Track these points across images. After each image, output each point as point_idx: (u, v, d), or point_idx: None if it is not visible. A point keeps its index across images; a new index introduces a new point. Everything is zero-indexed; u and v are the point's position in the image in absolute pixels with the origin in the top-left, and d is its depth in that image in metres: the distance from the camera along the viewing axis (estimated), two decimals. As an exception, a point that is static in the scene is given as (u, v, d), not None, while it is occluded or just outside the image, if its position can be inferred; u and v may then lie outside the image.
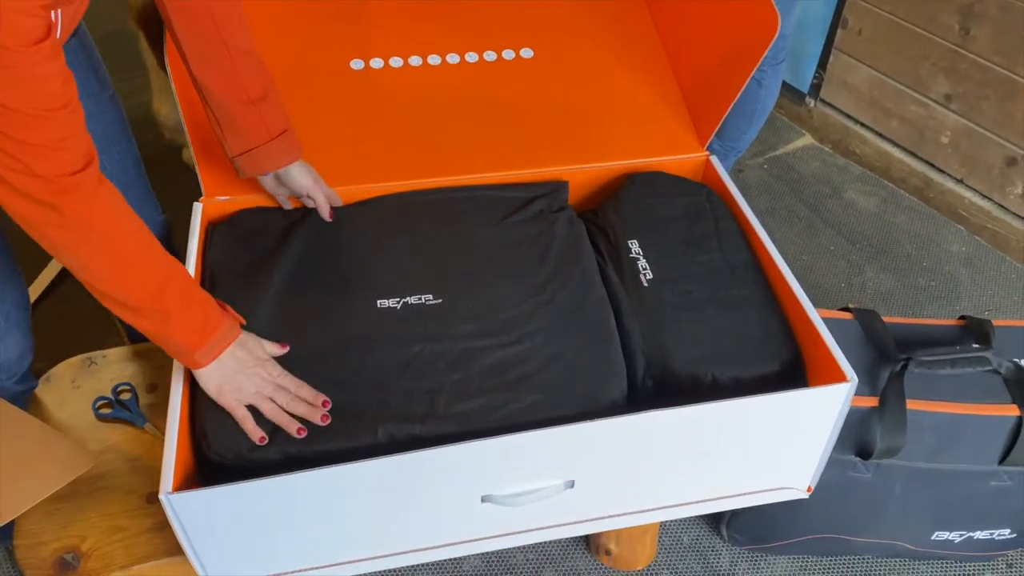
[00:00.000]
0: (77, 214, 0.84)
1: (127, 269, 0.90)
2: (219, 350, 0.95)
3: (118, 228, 0.88)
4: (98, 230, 0.86)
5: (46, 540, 1.04)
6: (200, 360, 0.95)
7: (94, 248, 0.87)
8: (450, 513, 1.00)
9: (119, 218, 0.88)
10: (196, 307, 0.94)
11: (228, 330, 0.96)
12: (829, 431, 1.05)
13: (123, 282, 0.90)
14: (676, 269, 1.16)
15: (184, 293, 0.93)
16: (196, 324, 0.93)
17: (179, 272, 0.94)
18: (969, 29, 2.00)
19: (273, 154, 1.12)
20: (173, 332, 0.93)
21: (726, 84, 1.28)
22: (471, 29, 1.44)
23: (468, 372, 1.02)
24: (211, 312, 0.96)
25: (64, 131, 0.81)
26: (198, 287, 0.97)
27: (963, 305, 1.98)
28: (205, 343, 0.94)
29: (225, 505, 0.90)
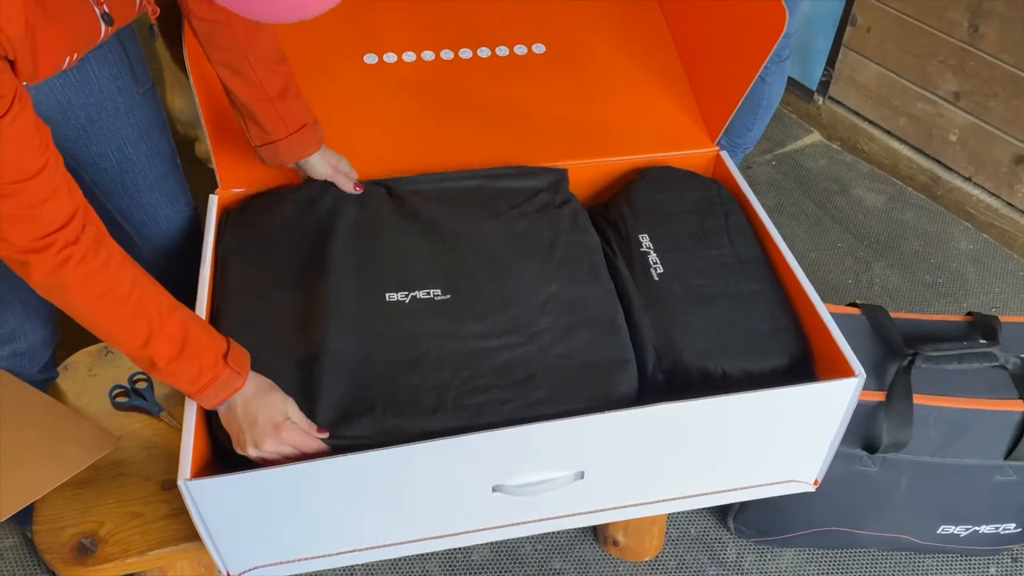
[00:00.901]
0: (50, 274, 0.83)
1: (106, 322, 0.88)
2: (220, 399, 0.94)
3: (95, 283, 0.86)
4: (73, 288, 0.85)
5: (64, 525, 1.06)
6: (204, 404, 0.96)
7: (69, 302, 0.86)
8: (462, 502, 1.02)
9: (103, 272, 0.86)
10: (188, 360, 0.91)
11: (226, 382, 0.93)
12: (837, 425, 1.06)
13: (104, 333, 0.89)
14: (686, 263, 1.17)
15: (176, 348, 0.90)
16: (189, 376, 0.92)
17: (173, 329, 0.91)
18: (978, 27, 2.00)
19: (291, 148, 1.16)
20: (164, 379, 0.92)
21: (735, 80, 1.29)
22: (483, 25, 1.45)
23: (477, 370, 1.03)
24: (207, 366, 0.92)
25: (40, 195, 0.80)
26: (200, 336, 0.93)
27: (970, 302, 1.99)
28: (202, 393, 0.93)
29: (241, 492, 0.92)
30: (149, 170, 1.23)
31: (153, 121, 1.23)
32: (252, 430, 0.94)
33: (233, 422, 0.95)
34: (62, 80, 1.07)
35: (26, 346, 1.18)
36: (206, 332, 0.94)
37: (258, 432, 0.94)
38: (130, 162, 1.20)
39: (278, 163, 1.18)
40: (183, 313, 0.93)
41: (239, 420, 0.95)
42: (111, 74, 1.14)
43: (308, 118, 1.16)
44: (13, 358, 1.18)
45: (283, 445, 0.95)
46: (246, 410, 0.95)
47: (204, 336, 0.94)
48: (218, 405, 0.95)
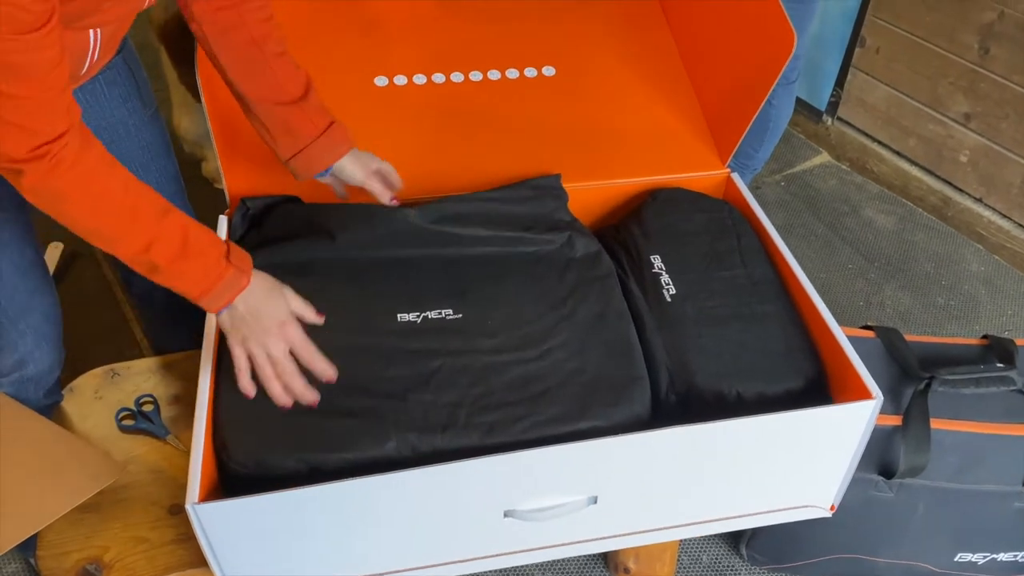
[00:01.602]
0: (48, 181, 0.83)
1: (104, 226, 0.89)
2: (225, 300, 0.94)
3: (95, 191, 0.87)
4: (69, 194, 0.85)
5: (69, 551, 1.04)
6: (209, 307, 0.95)
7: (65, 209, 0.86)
8: (473, 527, 1.00)
9: (97, 181, 0.87)
10: (192, 260, 0.91)
11: (231, 281, 0.93)
12: (854, 449, 1.04)
13: (103, 238, 0.89)
14: (699, 284, 1.16)
15: (177, 247, 0.90)
16: (193, 277, 0.92)
17: (173, 230, 0.91)
18: (988, 48, 2.00)
19: (325, 149, 1.13)
20: (167, 282, 0.92)
21: (744, 102, 1.29)
22: (494, 47, 1.45)
23: (489, 386, 1.02)
24: (211, 264, 0.92)
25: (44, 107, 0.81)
26: (200, 236, 0.93)
27: (982, 324, 1.97)
28: (207, 294, 0.92)
29: (250, 516, 0.90)
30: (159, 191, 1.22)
31: (160, 143, 1.23)
32: (256, 329, 0.94)
33: (236, 324, 0.95)
34: None
35: (34, 371, 1.18)
36: (205, 232, 0.94)
37: (262, 331, 0.94)
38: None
39: (313, 172, 1.15)
40: (179, 214, 0.92)
41: (243, 320, 0.94)
42: (121, 96, 1.14)
43: (332, 117, 1.14)
44: (20, 383, 1.17)
45: (286, 344, 0.95)
46: (249, 309, 0.94)
47: (204, 236, 0.93)
48: (223, 307, 0.94)
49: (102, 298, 1.96)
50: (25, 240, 1.11)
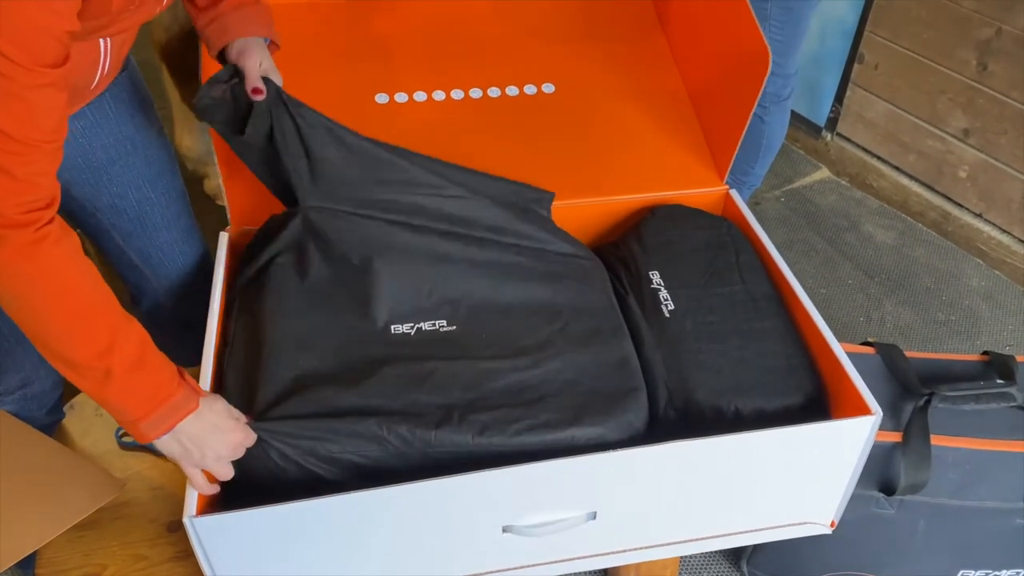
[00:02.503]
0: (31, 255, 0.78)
1: (72, 319, 0.82)
2: (171, 423, 0.87)
3: (72, 278, 0.82)
4: (49, 276, 0.80)
5: (67, 569, 1.05)
6: (147, 433, 0.87)
7: (36, 292, 0.80)
8: (472, 543, 1.00)
9: (75, 268, 0.82)
10: (147, 372, 0.86)
11: (183, 400, 0.87)
12: (853, 465, 1.04)
13: (66, 334, 0.83)
14: (697, 300, 1.16)
15: (136, 357, 0.85)
16: (145, 391, 0.85)
17: (135, 336, 0.86)
18: (986, 64, 2.01)
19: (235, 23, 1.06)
20: (115, 396, 0.85)
21: (733, 119, 1.30)
22: (494, 65, 1.46)
23: (483, 392, 1.02)
24: (165, 381, 0.87)
25: (44, 165, 0.78)
26: (157, 354, 0.88)
27: (983, 340, 1.97)
28: (152, 414, 0.86)
29: (247, 529, 0.90)
30: (166, 207, 1.24)
31: (166, 159, 1.24)
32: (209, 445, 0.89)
33: (188, 449, 0.89)
34: (82, 123, 1.09)
35: (38, 390, 1.18)
36: (158, 351, 0.88)
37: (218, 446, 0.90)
38: (149, 201, 1.21)
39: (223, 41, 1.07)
40: (139, 325, 0.87)
41: (190, 440, 0.89)
42: (128, 113, 1.15)
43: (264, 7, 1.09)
44: (23, 401, 1.18)
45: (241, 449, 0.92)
46: (196, 430, 0.89)
47: (158, 353, 0.88)
48: (164, 432, 0.87)
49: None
50: None
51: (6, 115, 0.73)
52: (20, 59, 0.70)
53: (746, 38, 1.23)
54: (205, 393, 0.93)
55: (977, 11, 1.98)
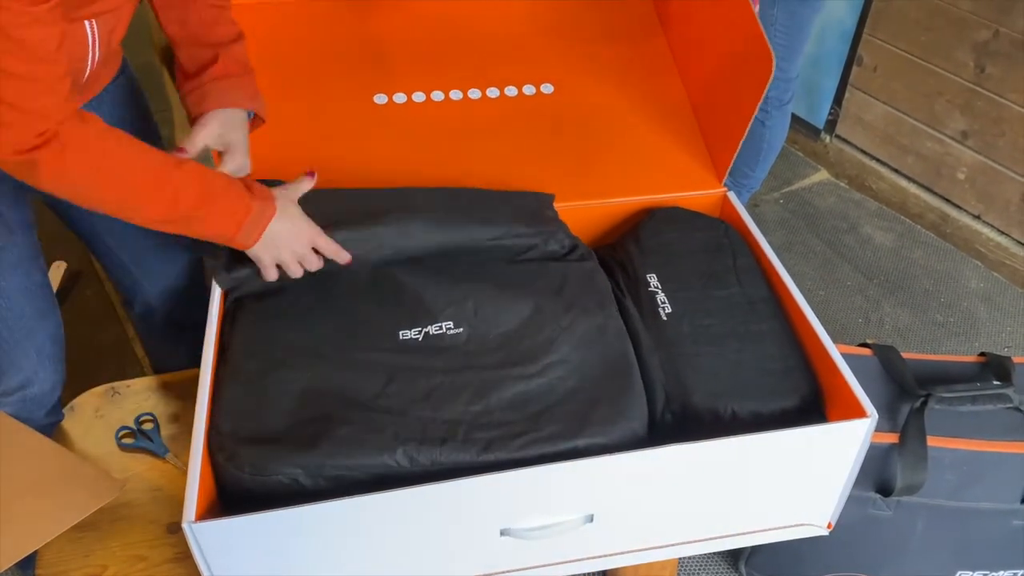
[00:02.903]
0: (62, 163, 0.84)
1: (131, 192, 0.91)
2: (258, 232, 0.98)
3: (109, 159, 0.88)
4: (87, 170, 0.87)
5: (67, 570, 1.05)
6: (243, 243, 0.99)
7: (92, 186, 0.88)
8: (469, 546, 1.00)
9: (107, 149, 0.88)
10: (218, 200, 0.95)
11: (260, 212, 0.98)
12: (849, 467, 1.04)
13: (138, 206, 0.92)
14: (695, 303, 1.16)
15: (203, 194, 0.93)
16: (223, 216, 0.95)
17: (190, 177, 0.93)
18: (984, 67, 2.02)
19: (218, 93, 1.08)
20: (208, 228, 0.96)
21: (734, 122, 1.30)
22: (493, 65, 1.46)
23: (488, 404, 1.02)
24: (236, 199, 0.96)
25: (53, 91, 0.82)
26: (216, 181, 0.96)
27: (981, 342, 1.97)
28: (240, 230, 0.97)
29: (246, 534, 0.91)
30: None
31: None
32: (287, 249, 1.02)
33: (268, 247, 1.01)
34: None
35: (36, 392, 1.18)
36: (218, 174, 0.97)
37: (294, 249, 1.03)
38: None
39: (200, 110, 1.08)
40: (190, 161, 0.95)
41: (274, 243, 1.01)
42: (130, 117, 1.16)
43: (253, 78, 1.12)
44: (22, 403, 1.18)
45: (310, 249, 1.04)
46: (279, 233, 1.00)
47: (219, 176, 0.97)
48: (256, 240, 0.98)
49: (104, 317, 1.97)
50: (33, 263, 1.13)
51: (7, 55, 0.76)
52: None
53: (749, 41, 1.23)
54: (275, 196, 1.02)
55: (975, 13, 1.99)
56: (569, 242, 1.24)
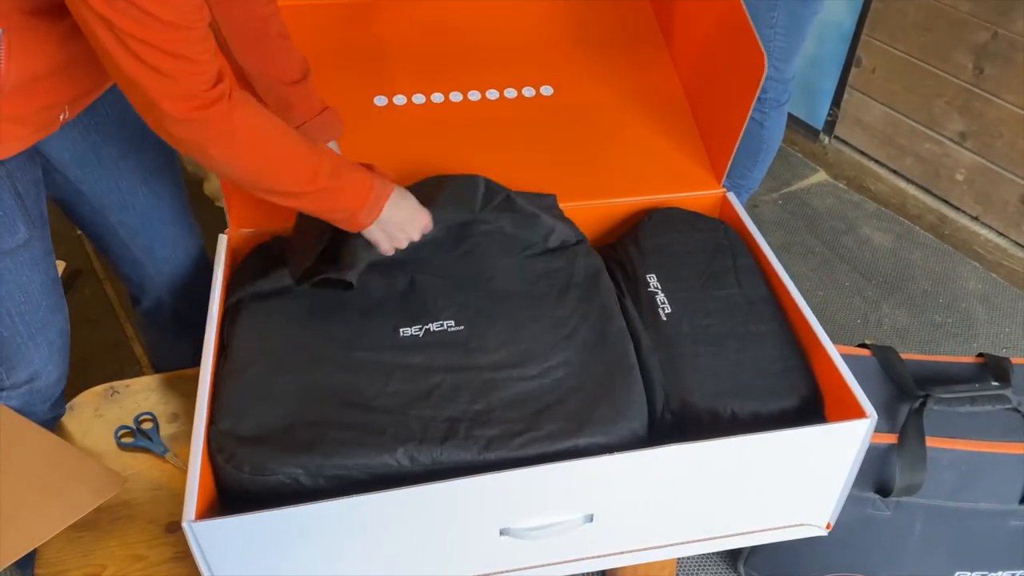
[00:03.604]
0: (224, 124, 0.90)
1: (281, 163, 0.97)
2: (379, 207, 1.05)
3: (263, 129, 0.95)
4: (246, 135, 0.93)
5: (66, 569, 1.05)
6: (364, 220, 1.04)
7: (248, 152, 0.94)
8: (469, 545, 1.00)
9: (262, 119, 0.95)
10: (349, 177, 1.02)
11: (382, 187, 1.05)
12: (849, 467, 1.04)
13: (281, 175, 0.97)
14: (694, 303, 1.17)
15: (335, 169, 1.00)
16: (354, 191, 1.02)
17: (324, 153, 1.01)
18: (983, 68, 2.02)
19: (320, 128, 1.21)
20: (338, 202, 1.02)
21: (730, 123, 1.31)
22: (493, 67, 1.46)
23: (489, 403, 1.02)
24: (363, 176, 1.03)
25: (206, 42, 0.87)
26: (344, 161, 1.04)
27: (980, 342, 1.97)
28: (365, 204, 1.03)
29: (246, 533, 0.91)
30: (172, 200, 1.28)
31: (172, 153, 1.26)
32: (406, 229, 1.10)
33: (386, 230, 1.08)
34: (95, 117, 1.12)
35: (43, 384, 1.19)
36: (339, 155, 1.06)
37: (411, 228, 1.11)
38: (157, 195, 1.25)
39: None
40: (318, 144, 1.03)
41: (392, 231, 1.08)
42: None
43: (329, 104, 1.22)
44: (28, 395, 1.18)
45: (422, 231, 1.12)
46: (396, 222, 1.08)
47: (344, 158, 1.05)
48: (376, 217, 1.05)
49: (103, 315, 1.97)
50: (49, 258, 1.14)
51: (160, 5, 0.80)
52: None
53: (742, 42, 1.24)
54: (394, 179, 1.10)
55: (973, 15, 1.99)
56: (575, 237, 1.25)
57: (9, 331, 1.10)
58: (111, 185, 1.19)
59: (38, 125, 1.02)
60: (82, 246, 2.10)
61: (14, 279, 1.07)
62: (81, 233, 1.36)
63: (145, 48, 0.82)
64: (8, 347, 1.12)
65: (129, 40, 0.81)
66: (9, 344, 1.12)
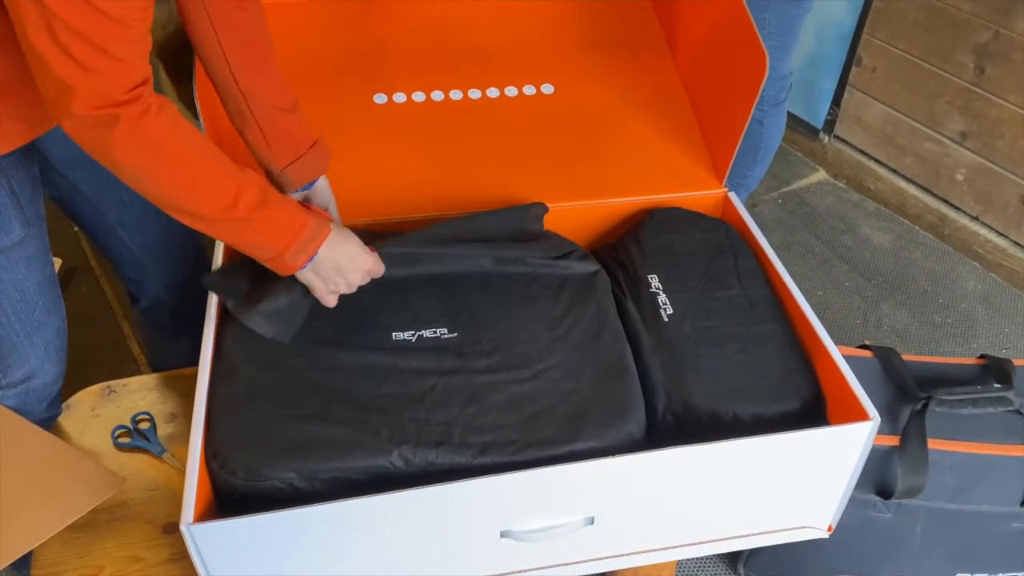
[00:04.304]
0: (132, 128, 0.83)
1: (194, 181, 0.89)
2: (311, 250, 0.96)
3: (179, 139, 0.88)
4: (155, 142, 0.86)
5: (63, 570, 1.04)
6: (292, 263, 0.95)
7: (156, 162, 0.87)
8: (470, 548, 1.00)
9: (179, 129, 0.88)
10: (278, 212, 0.93)
11: (318, 227, 0.96)
12: (851, 470, 1.04)
13: (194, 194, 0.89)
14: (696, 304, 1.16)
15: (261, 201, 0.92)
16: (280, 225, 0.93)
17: (253, 181, 0.92)
18: (984, 68, 2.01)
19: (316, 160, 1.14)
20: (259, 238, 0.93)
21: (732, 122, 1.30)
22: (493, 65, 1.46)
23: (483, 406, 1.02)
24: (294, 213, 0.94)
25: (141, 43, 0.82)
26: (275, 193, 0.95)
27: (979, 343, 1.97)
28: (294, 244, 0.94)
29: (244, 536, 0.90)
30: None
31: None
32: (344, 274, 1.00)
33: (320, 274, 0.99)
34: None
35: (39, 383, 1.18)
36: (274, 190, 0.95)
37: (350, 274, 1.01)
38: None
39: (305, 181, 1.14)
40: (249, 169, 0.93)
41: (328, 274, 0.99)
42: None
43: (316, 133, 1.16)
44: (25, 395, 1.18)
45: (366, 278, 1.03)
46: (333, 264, 0.99)
47: (276, 191, 0.95)
48: (308, 259, 0.96)
49: (100, 314, 1.96)
50: (46, 257, 1.13)
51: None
52: None
53: (743, 42, 1.23)
54: (333, 220, 1.01)
55: (975, 14, 1.99)
56: (565, 247, 1.24)
57: (5, 330, 1.10)
58: (110, 184, 1.18)
59: (32, 121, 1.01)
60: (78, 243, 2.09)
61: (9, 277, 1.07)
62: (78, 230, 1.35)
63: (72, 38, 0.76)
64: (4, 346, 1.11)
65: (57, 25, 0.75)
66: (5, 343, 1.11)
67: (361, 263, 1.02)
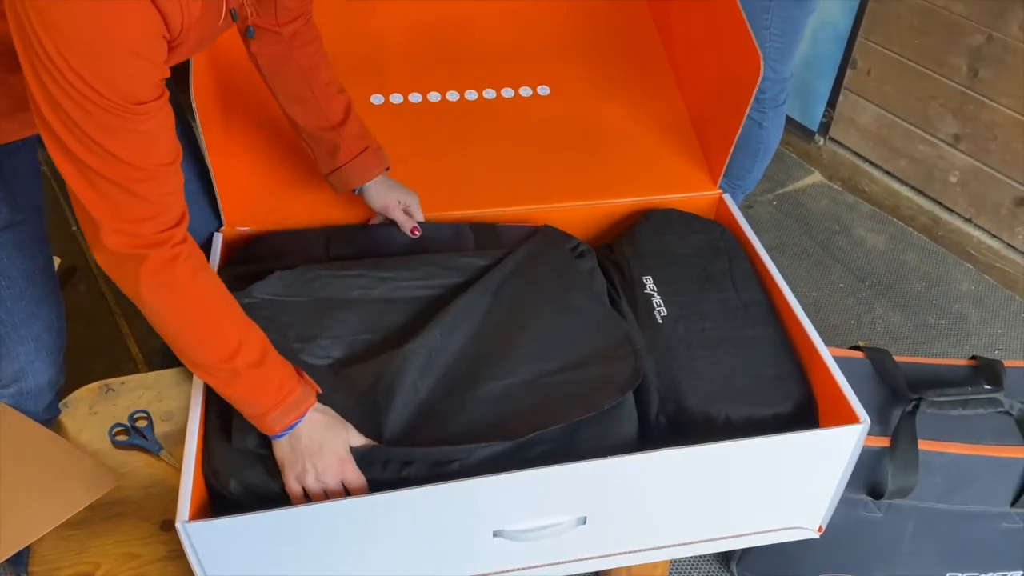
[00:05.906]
0: (161, 271, 0.85)
1: (203, 328, 0.90)
2: (292, 417, 0.93)
3: (197, 285, 0.89)
4: (184, 289, 0.87)
5: (60, 567, 1.04)
6: (273, 425, 0.93)
7: (173, 304, 0.88)
8: (462, 547, 1.00)
9: (199, 276, 0.89)
10: (270, 370, 0.93)
11: (301, 397, 0.94)
12: (841, 472, 1.05)
13: (198, 341, 0.91)
14: (690, 306, 1.17)
15: (260, 359, 0.92)
16: (269, 387, 0.92)
17: (256, 337, 0.93)
18: (977, 71, 2.02)
19: (356, 171, 1.22)
20: (248, 393, 0.92)
21: (727, 124, 1.31)
22: (489, 67, 1.46)
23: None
24: (286, 377, 0.94)
25: (169, 187, 0.84)
26: (275, 353, 0.95)
27: (972, 344, 1.98)
28: (279, 407, 0.92)
29: (239, 534, 0.91)
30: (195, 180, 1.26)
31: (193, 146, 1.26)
32: (315, 460, 0.94)
33: (297, 456, 0.94)
34: None
35: (33, 385, 1.18)
36: (275, 351, 0.95)
37: (322, 464, 0.94)
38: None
39: (346, 188, 1.24)
40: (257, 327, 0.95)
41: (302, 454, 0.94)
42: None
43: (370, 142, 1.23)
44: (19, 396, 1.18)
45: (338, 481, 0.95)
46: (311, 437, 0.94)
47: (277, 355, 0.95)
48: (287, 427, 0.93)
49: (98, 312, 1.96)
50: (39, 247, 1.12)
51: (127, 148, 0.78)
52: (125, 103, 0.76)
53: (738, 43, 1.24)
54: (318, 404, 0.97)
55: (968, 18, 1.99)
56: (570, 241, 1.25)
57: None
58: None
59: (23, 123, 1.00)
60: (77, 243, 2.09)
61: None
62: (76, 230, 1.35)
63: (103, 182, 0.79)
64: None
65: (89, 171, 0.79)
66: None
67: (338, 452, 0.95)
